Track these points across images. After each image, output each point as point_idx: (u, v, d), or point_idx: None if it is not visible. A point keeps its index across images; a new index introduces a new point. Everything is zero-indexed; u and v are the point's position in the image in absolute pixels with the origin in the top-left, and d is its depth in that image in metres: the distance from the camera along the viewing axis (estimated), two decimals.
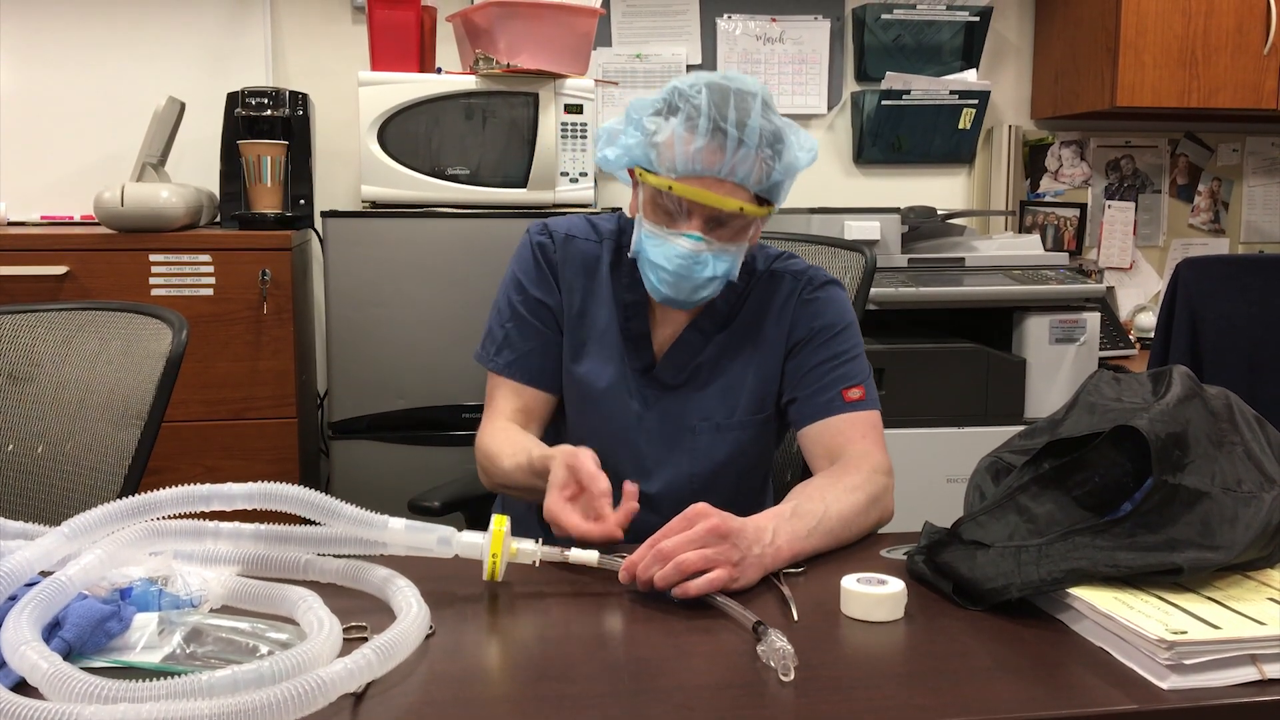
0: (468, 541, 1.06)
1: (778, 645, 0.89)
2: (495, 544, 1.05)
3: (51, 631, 0.86)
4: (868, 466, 1.32)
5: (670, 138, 1.31)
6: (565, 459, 1.20)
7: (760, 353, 1.47)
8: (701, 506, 1.08)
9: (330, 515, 1.02)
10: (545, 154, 2.41)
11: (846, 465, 1.33)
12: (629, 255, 1.43)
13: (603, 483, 1.16)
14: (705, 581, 1.02)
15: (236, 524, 1.05)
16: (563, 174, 2.44)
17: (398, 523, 1.05)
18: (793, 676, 0.86)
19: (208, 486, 0.99)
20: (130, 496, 0.99)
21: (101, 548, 0.95)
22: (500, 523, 1.06)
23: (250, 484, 1.00)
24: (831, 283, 1.49)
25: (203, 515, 1.02)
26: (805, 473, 1.43)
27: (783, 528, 1.14)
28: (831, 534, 1.19)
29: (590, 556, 1.08)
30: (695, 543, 1.04)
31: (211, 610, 0.97)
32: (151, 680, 0.75)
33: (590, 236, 1.51)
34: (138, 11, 2.83)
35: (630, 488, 1.18)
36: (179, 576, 0.97)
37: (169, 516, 1.00)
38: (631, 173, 1.42)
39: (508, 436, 1.42)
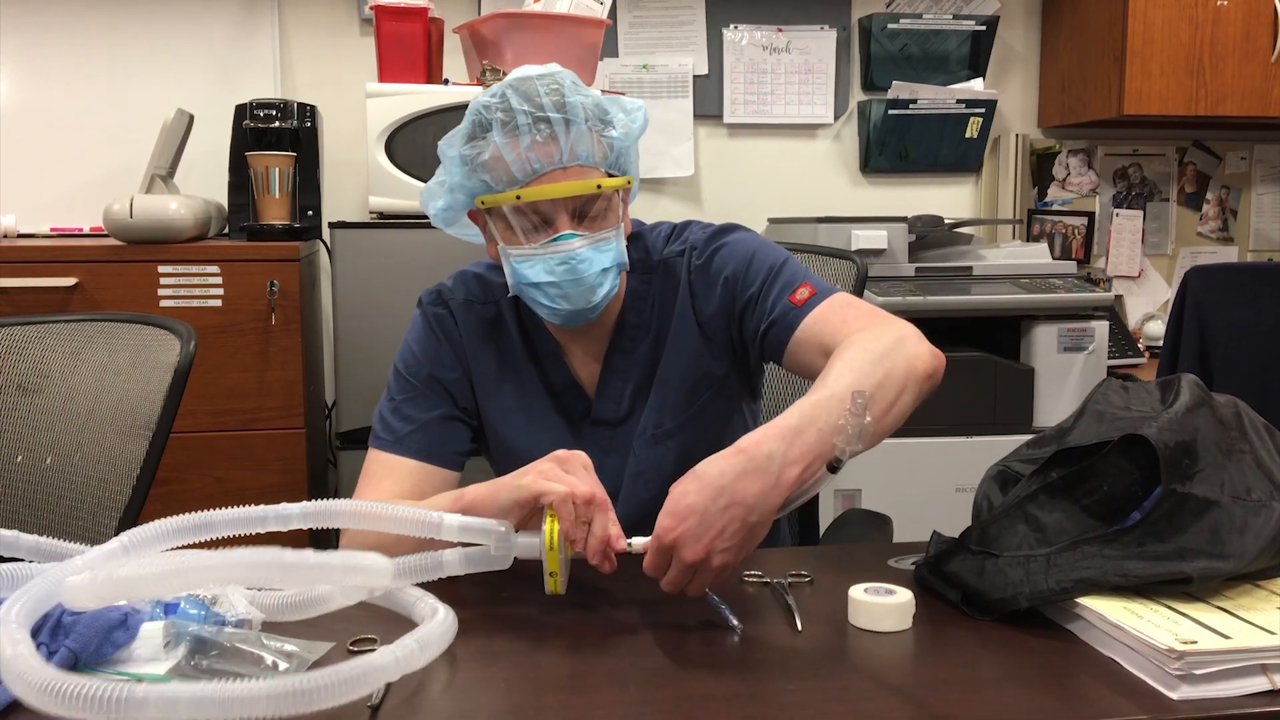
0: (524, 543, 1.01)
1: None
2: (551, 562, 1.00)
3: (57, 640, 0.86)
4: (874, 326, 1.17)
5: (496, 151, 1.21)
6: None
7: (676, 344, 1.35)
8: (657, 539, 0.97)
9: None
10: None
11: (841, 344, 1.16)
12: (510, 296, 1.30)
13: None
14: (712, 576, 0.98)
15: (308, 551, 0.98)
16: None
17: (453, 554, 0.99)
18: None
19: (262, 508, 0.95)
20: (188, 514, 0.93)
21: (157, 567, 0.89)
22: (552, 527, 0.99)
23: (307, 503, 0.96)
24: (718, 233, 1.36)
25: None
26: None
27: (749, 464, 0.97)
28: (857, 397, 0.93)
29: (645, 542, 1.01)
30: (686, 571, 0.97)
31: (265, 625, 0.95)
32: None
33: (485, 299, 1.37)
34: (146, 24, 2.84)
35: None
36: (225, 596, 0.96)
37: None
38: (475, 217, 1.31)
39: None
